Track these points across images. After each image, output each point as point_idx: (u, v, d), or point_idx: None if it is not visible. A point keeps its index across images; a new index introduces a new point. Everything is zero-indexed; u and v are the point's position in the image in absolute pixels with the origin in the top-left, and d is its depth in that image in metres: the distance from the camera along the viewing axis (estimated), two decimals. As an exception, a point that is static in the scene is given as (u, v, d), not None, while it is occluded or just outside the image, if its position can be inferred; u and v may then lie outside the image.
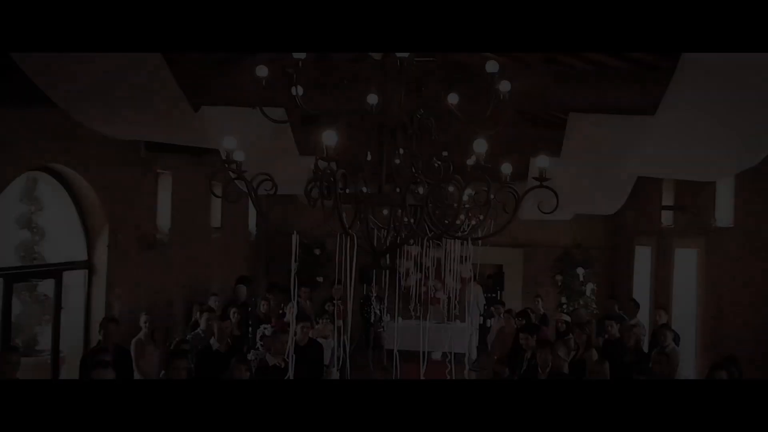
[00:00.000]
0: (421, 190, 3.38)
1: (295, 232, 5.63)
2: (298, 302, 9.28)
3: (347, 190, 3.11)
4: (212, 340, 7.18)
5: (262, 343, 7.79)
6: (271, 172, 7.02)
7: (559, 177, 8.23)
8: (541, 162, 3.26)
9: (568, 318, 9.73)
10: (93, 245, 8.99)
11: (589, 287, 14.00)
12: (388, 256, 3.67)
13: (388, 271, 8.68)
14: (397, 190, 3.32)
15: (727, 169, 4.97)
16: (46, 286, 8.28)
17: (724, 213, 9.89)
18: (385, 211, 3.78)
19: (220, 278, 12.84)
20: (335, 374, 8.86)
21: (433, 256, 12.88)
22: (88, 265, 8.91)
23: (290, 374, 6.68)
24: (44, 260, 8.29)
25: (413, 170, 3.32)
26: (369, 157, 3.37)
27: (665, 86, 4.79)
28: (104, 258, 9.03)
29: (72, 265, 8.63)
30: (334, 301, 10.89)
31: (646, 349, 8.42)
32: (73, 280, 8.67)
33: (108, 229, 9.01)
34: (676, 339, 8.29)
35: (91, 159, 8.48)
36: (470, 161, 3.05)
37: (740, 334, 8.71)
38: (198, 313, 8.67)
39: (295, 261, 14.03)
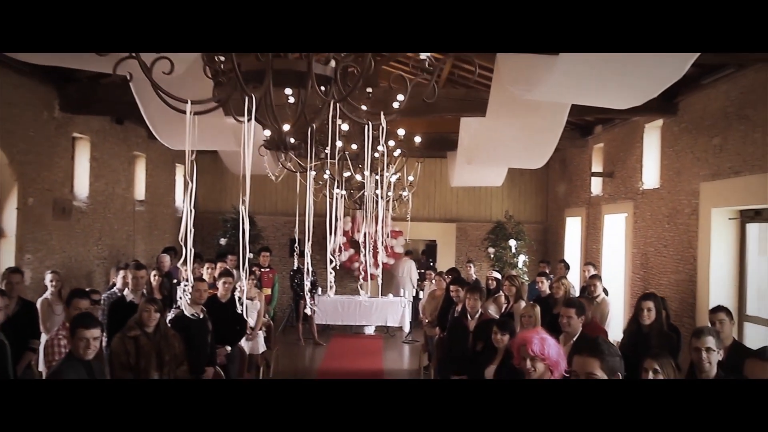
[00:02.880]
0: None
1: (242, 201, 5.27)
2: (225, 269, 8.98)
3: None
4: (126, 291, 6.81)
5: (181, 298, 7.43)
6: (200, 132, 6.69)
7: (487, 133, 8.19)
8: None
9: (498, 275, 9.69)
10: (1, 207, 8.44)
11: (521, 259, 14.06)
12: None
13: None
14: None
15: (631, 99, 4.95)
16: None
17: (650, 175, 10.05)
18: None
19: (143, 252, 12.36)
20: (261, 339, 8.57)
21: (365, 231, 12.65)
22: (-4, 228, 8.39)
23: (209, 326, 6.38)
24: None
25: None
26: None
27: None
28: (13, 222, 8.50)
29: (-22, 228, 8.10)
30: (262, 269, 10.56)
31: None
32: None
33: (17, 191, 8.48)
34: (605, 292, 8.33)
35: (-2, 115, 7.98)
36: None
37: (664, 291, 8.84)
38: (114, 273, 8.22)
39: (225, 236, 13.70)
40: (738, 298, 7.77)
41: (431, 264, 14.67)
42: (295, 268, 12.68)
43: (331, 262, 5.84)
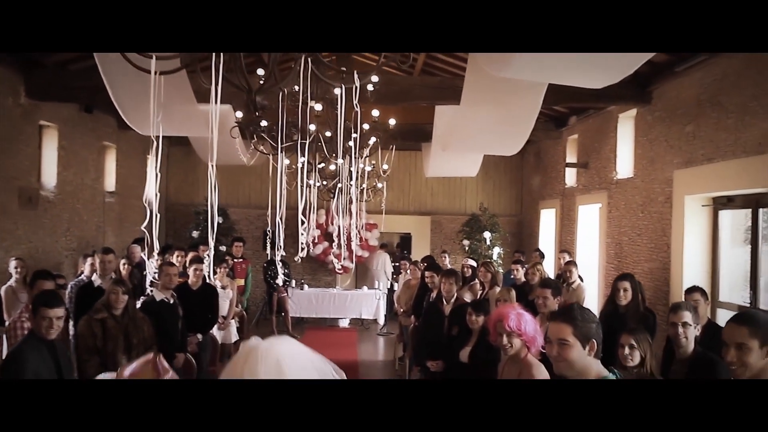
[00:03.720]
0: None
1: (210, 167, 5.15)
2: (196, 256, 8.81)
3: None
4: (94, 277, 6.64)
5: (151, 286, 7.25)
6: (171, 117, 6.54)
7: (462, 120, 8.13)
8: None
9: (473, 263, 9.64)
10: (-37, 194, 8.23)
11: (496, 251, 14.04)
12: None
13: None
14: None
15: (607, 77, 4.93)
16: None
17: (624, 165, 10.09)
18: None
19: (114, 245, 12.10)
20: (234, 328, 8.44)
21: (339, 224, 12.52)
22: (-42, 217, 8.16)
23: (180, 312, 6.25)
24: None
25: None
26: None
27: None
28: (-24, 209, 8.29)
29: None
30: (235, 259, 10.41)
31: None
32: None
33: (-20, 178, 8.27)
34: (580, 279, 8.32)
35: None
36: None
37: (639, 279, 8.83)
38: (82, 261, 8.03)
39: (197, 228, 13.49)
40: (711, 285, 7.80)
41: (406, 254, 14.62)
42: (268, 260, 12.53)
43: (303, 249, 5.74)
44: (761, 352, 2.69)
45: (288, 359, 2.15)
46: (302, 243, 5.79)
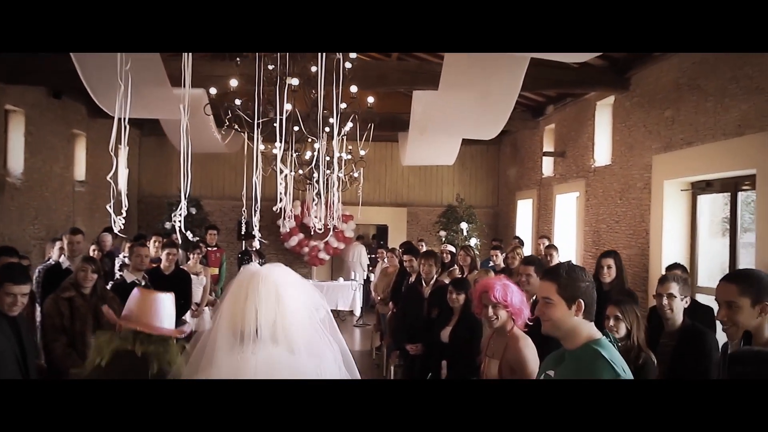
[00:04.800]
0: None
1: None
2: (170, 241, 8.60)
3: None
4: (62, 258, 6.41)
5: (121, 270, 7.05)
6: (144, 99, 6.34)
7: (440, 104, 8.02)
8: None
9: (452, 248, 9.54)
10: (-76, 179, 7.93)
11: (473, 242, 13.97)
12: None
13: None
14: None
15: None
16: None
17: (602, 153, 10.06)
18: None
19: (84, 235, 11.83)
20: (207, 316, 8.25)
21: (316, 215, 12.34)
22: None
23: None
24: None
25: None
26: None
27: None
28: (-62, 194, 7.99)
29: None
30: (209, 247, 10.20)
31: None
32: None
33: (-58, 162, 7.97)
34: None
35: None
36: None
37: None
38: (51, 246, 7.77)
39: (170, 219, 13.26)
40: (690, 269, 7.77)
41: (382, 243, 14.51)
42: (243, 250, 12.33)
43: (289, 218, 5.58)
44: (753, 311, 2.60)
45: (284, 284, 2.41)
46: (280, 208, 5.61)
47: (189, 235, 10.79)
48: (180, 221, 3.70)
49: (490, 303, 3.72)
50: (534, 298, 4.86)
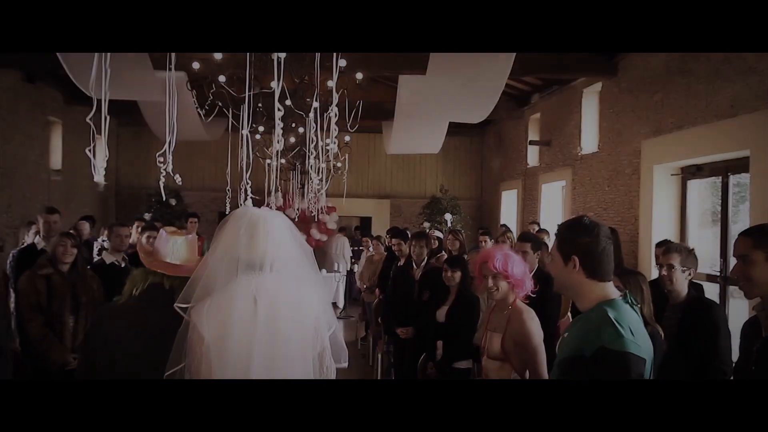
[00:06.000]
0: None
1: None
2: (150, 223, 8.35)
3: None
4: (37, 239, 6.15)
5: (99, 254, 6.79)
6: (123, 79, 6.13)
7: (427, 88, 7.86)
8: None
9: (439, 234, 9.39)
10: None
11: (458, 232, 13.85)
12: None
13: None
14: None
15: None
16: None
17: (589, 140, 9.98)
18: None
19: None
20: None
21: (298, 207, 12.14)
22: None
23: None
24: None
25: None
26: None
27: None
28: None
29: None
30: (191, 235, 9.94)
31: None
32: None
33: None
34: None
35: None
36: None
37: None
38: (26, 230, 7.49)
39: (149, 210, 12.99)
40: (680, 255, 7.69)
41: (366, 233, 14.35)
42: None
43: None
44: (767, 264, 2.47)
45: (274, 226, 2.50)
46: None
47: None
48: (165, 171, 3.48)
49: (490, 273, 3.56)
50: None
